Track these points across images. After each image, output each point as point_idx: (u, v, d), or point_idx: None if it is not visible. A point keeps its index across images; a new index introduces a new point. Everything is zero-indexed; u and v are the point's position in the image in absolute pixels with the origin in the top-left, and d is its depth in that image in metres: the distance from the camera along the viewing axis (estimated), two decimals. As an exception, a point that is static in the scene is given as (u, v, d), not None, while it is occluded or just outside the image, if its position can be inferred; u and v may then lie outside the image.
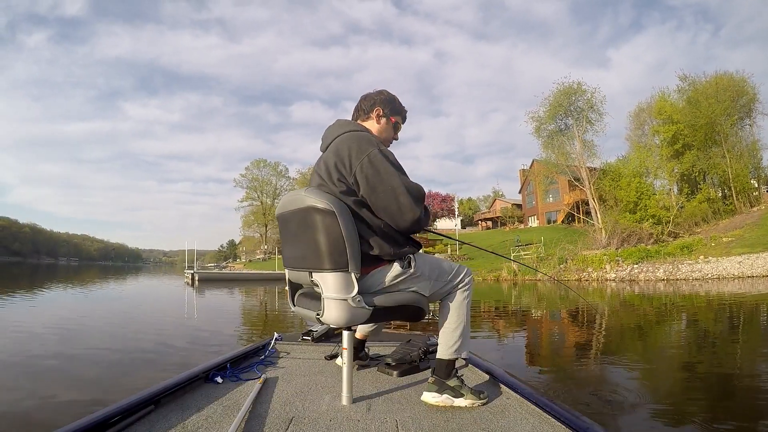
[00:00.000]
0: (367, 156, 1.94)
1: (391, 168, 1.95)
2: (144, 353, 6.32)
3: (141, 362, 5.77)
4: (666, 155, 36.90)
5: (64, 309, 12.67)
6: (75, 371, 5.31)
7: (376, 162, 1.93)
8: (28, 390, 4.46)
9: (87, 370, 5.38)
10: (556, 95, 37.53)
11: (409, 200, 1.92)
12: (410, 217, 1.94)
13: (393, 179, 1.93)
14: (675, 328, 8.84)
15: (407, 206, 1.92)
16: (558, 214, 55.54)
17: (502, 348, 6.99)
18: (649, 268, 23.54)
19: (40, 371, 5.22)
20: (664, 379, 4.96)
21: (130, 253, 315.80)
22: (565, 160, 38.17)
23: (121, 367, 5.54)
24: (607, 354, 6.26)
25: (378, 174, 1.92)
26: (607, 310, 11.77)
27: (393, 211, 1.93)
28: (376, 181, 1.92)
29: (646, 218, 32.90)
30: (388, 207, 1.93)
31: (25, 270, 51.65)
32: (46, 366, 5.48)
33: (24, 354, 6.12)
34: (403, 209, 1.93)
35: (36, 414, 3.76)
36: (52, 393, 4.34)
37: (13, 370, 5.35)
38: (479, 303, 14.71)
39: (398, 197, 1.92)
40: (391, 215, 1.95)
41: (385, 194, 1.92)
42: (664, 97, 39.37)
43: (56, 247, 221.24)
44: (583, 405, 3.76)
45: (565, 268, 26.41)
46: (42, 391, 4.39)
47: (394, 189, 1.92)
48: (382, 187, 1.92)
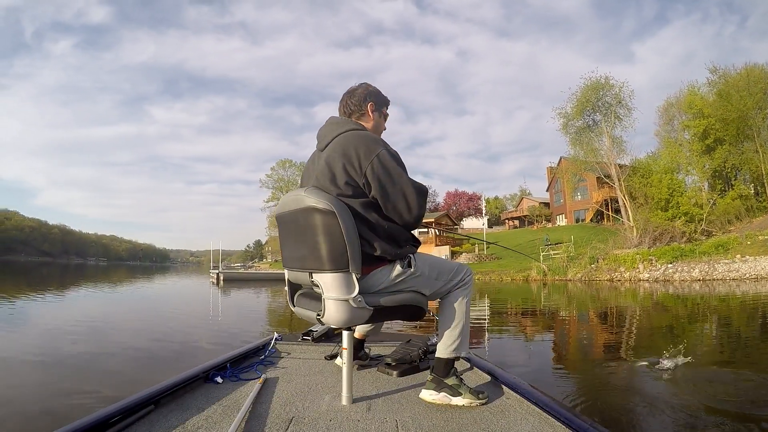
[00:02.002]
0: (377, 156, 1.95)
1: (399, 168, 1.99)
2: (167, 352, 6.64)
3: (164, 360, 6.08)
4: (697, 150, 36.01)
5: (94, 307, 13.26)
6: (104, 367, 5.61)
7: (386, 162, 1.96)
8: (57, 383, 4.77)
9: (117, 365, 5.70)
10: (584, 90, 36.89)
11: (416, 199, 1.99)
12: (418, 215, 2.01)
13: (402, 179, 1.98)
14: (728, 333, 8.52)
15: (415, 205, 1.99)
16: (586, 213, 54.65)
17: (528, 352, 6.99)
18: (684, 267, 23.09)
19: (71, 366, 5.55)
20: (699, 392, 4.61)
21: (158, 254, 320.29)
22: (594, 156, 37.44)
23: (147, 362, 5.88)
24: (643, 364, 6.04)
25: (389, 175, 1.96)
26: (655, 314, 11.53)
27: (402, 209, 1.99)
28: (387, 181, 1.95)
29: (679, 216, 32.07)
30: (397, 206, 1.98)
31: (54, 270, 52.67)
32: (76, 361, 5.82)
33: (57, 350, 6.50)
34: (412, 208, 1.99)
35: (63, 405, 4.00)
36: (80, 387, 4.62)
37: (44, 365, 5.65)
38: (505, 303, 14.73)
39: (407, 197, 1.98)
40: (400, 214, 2.00)
41: (395, 194, 1.96)
42: (694, 90, 38.24)
43: (85, 247, 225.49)
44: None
45: (597, 267, 26.06)
46: (72, 385, 4.68)
47: (403, 189, 1.97)
48: (392, 188, 1.96)
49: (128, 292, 20.44)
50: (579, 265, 27.05)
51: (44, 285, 22.45)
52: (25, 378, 4.99)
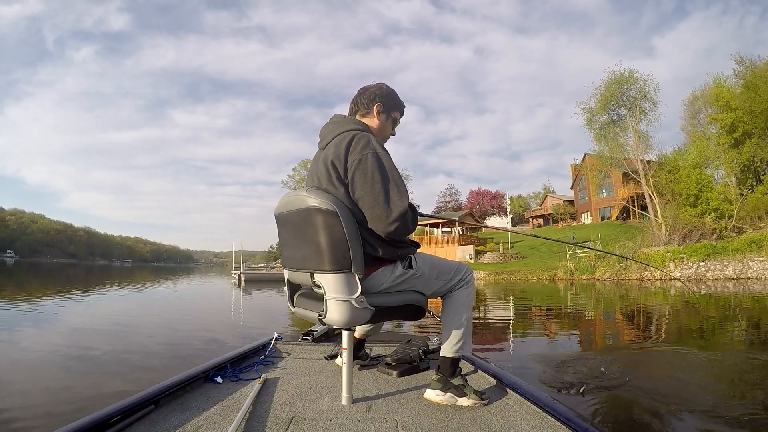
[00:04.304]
0: (360, 159, 1.89)
1: (378, 174, 1.89)
2: (189, 350, 6.76)
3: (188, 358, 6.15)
4: (725, 144, 35.19)
5: (120, 307, 13.53)
6: (130, 364, 5.74)
7: (368, 166, 1.89)
8: (84, 379, 4.90)
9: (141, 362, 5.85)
10: (607, 84, 36.34)
11: (386, 211, 1.87)
12: (387, 228, 1.88)
13: (377, 186, 1.88)
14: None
15: (383, 217, 1.87)
16: (612, 210, 53.88)
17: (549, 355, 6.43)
18: (717, 266, 22.72)
19: (97, 363, 5.72)
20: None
21: (182, 255, 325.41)
22: (620, 152, 36.88)
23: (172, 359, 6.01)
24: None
25: (365, 178, 1.88)
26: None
27: (371, 216, 1.89)
28: (363, 184, 1.88)
29: (708, 212, 31.46)
30: (369, 211, 1.90)
31: (79, 271, 53.16)
32: (102, 359, 5.98)
33: (83, 347, 6.68)
34: (380, 217, 1.88)
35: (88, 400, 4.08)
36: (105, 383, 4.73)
37: (72, 362, 5.80)
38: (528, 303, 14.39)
39: (378, 205, 1.87)
40: (371, 220, 1.90)
41: (367, 199, 1.89)
42: (720, 82, 37.19)
43: (110, 249, 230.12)
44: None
45: (626, 266, 25.73)
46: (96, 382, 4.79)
47: (376, 197, 1.88)
48: (364, 192, 1.89)
49: (149, 293, 20.68)
50: (607, 264, 26.74)
51: (70, 286, 22.81)
52: (52, 374, 5.15)
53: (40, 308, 12.36)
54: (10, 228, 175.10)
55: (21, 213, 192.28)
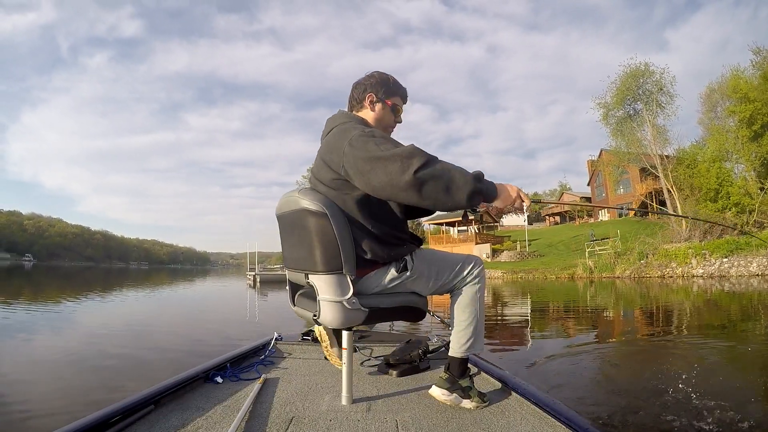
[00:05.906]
0: (348, 142, 1.79)
1: (372, 144, 1.74)
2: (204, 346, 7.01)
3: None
4: (745, 137, 34.55)
5: (137, 309, 13.76)
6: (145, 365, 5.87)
7: (357, 145, 1.77)
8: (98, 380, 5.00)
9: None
10: (623, 78, 35.62)
11: (396, 163, 1.64)
12: (407, 178, 1.62)
13: (373, 152, 1.71)
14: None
15: (397, 169, 1.63)
16: (630, 206, 53.11)
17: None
18: (741, 262, 22.39)
19: (110, 365, 5.80)
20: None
21: (198, 257, 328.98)
22: (637, 147, 36.29)
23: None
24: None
25: (358, 155, 1.74)
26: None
27: (385, 183, 1.67)
28: (360, 161, 1.74)
29: (729, 207, 30.91)
30: (381, 181, 1.68)
31: (97, 273, 53.59)
32: (115, 361, 6.06)
33: (101, 348, 6.80)
34: (394, 173, 1.64)
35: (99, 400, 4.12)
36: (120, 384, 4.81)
37: (91, 361, 5.95)
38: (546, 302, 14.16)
39: (385, 166, 1.66)
40: (384, 188, 1.69)
41: (373, 171, 1.69)
42: (738, 74, 36.17)
43: (127, 252, 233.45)
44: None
45: (647, 263, 25.45)
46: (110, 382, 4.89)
47: (378, 159, 1.68)
48: (366, 165, 1.71)
49: (166, 295, 20.88)
50: (627, 262, 26.47)
51: (88, 288, 23.09)
52: (70, 373, 5.29)
53: (58, 308, 12.73)
54: (28, 232, 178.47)
55: (39, 217, 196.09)
